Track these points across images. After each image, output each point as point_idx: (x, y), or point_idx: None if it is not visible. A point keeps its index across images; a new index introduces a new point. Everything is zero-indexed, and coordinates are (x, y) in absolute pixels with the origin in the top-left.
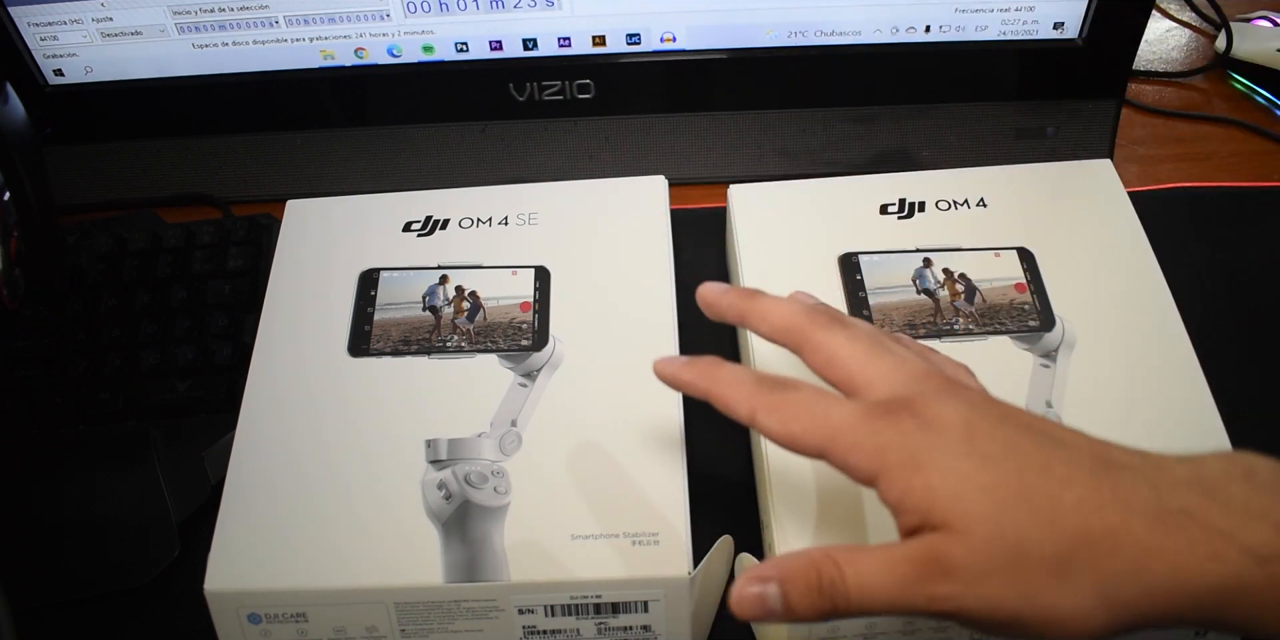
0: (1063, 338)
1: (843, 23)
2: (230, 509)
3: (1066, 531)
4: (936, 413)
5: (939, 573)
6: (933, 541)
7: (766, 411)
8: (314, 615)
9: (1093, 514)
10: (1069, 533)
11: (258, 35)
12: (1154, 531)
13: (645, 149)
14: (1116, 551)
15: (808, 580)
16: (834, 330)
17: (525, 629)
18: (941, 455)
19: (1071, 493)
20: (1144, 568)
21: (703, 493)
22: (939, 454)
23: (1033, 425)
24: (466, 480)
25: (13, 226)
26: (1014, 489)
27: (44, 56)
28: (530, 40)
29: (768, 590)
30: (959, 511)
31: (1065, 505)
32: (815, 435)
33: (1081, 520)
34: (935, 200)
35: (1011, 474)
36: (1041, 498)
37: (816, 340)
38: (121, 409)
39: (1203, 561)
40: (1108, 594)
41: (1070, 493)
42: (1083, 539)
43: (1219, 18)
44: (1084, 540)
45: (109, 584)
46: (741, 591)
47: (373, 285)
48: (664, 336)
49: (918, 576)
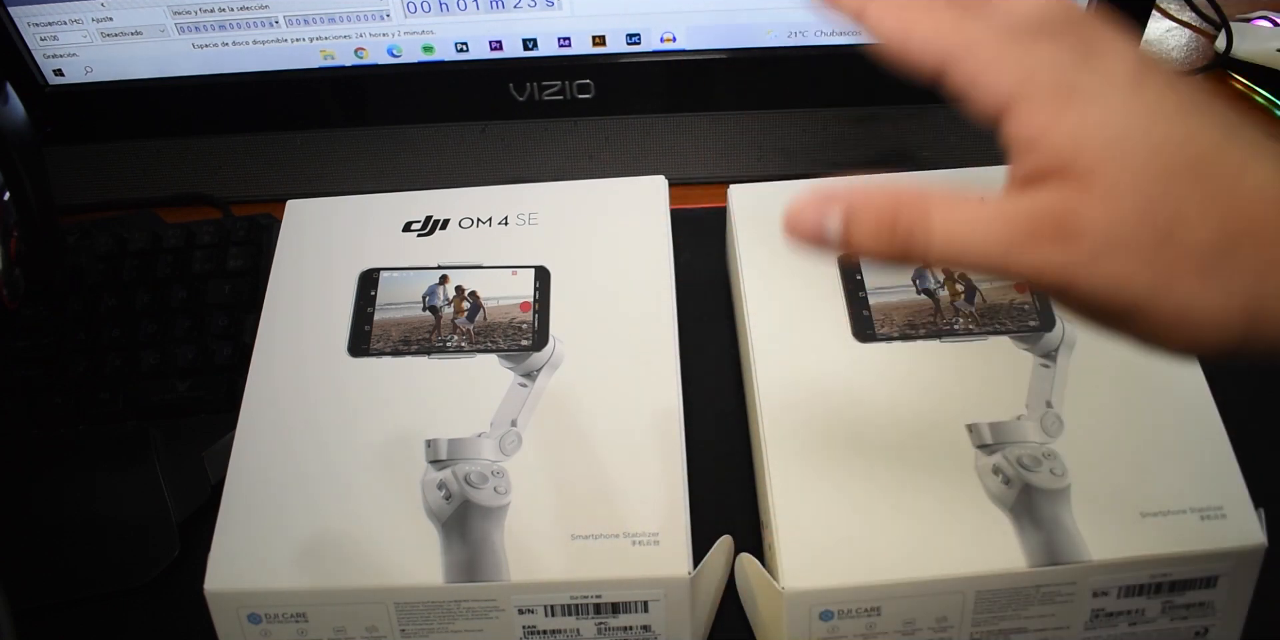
0: (1063, 338)
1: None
2: (230, 509)
3: (1236, 219)
4: (1103, 56)
5: (1061, 235)
6: (1063, 196)
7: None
8: (314, 615)
9: (1274, 206)
10: (1239, 221)
11: (258, 35)
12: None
13: (645, 149)
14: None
15: (880, 217)
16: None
17: (525, 629)
18: (1104, 94)
19: (1253, 177)
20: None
21: (703, 493)
22: (1102, 92)
23: (1209, 104)
24: (466, 480)
25: (13, 226)
26: (1189, 155)
27: (44, 56)
28: (530, 40)
29: (828, 216)
30: (1113, 164)
31: (1244, 189)
32: (944, 41)
33: (1260, 210)
34: None
35: (1186, 138)
36: (1218, 175)
37: None
38: (121, 409)
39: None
40: (1260, 303)
41: (1252, 177)
42: (1253, 232)
43: (1219, 18)
44: (1253, 234)
45: (109, 584)
46: (798, 211)
47: (373, 285)
48: (664, 336)
49: (1031, 235)
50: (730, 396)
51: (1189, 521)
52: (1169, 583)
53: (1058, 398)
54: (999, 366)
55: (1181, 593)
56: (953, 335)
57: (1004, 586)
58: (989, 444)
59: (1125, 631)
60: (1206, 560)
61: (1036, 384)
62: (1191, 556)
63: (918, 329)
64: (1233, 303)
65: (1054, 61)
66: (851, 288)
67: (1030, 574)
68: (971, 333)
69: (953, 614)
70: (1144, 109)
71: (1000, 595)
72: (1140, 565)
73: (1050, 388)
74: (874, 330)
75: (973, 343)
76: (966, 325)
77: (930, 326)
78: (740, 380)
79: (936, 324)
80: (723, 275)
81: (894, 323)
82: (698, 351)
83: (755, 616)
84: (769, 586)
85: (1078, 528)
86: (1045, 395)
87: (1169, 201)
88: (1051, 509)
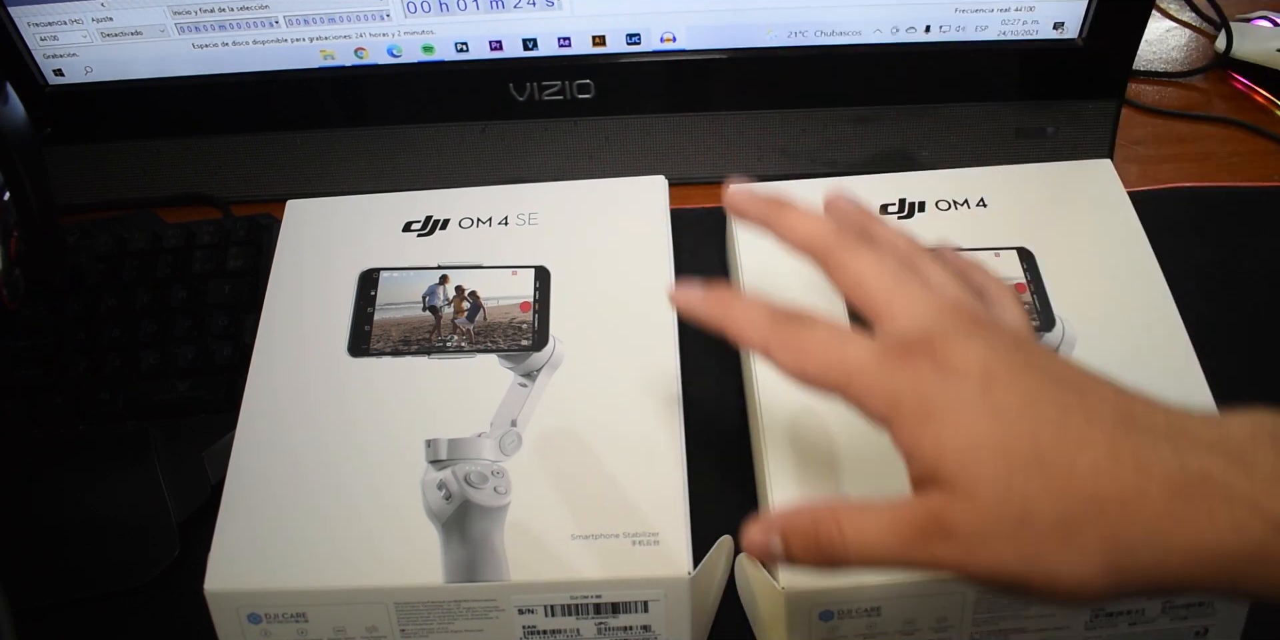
0: (1063, 338)
1: (843, 23)
2: (230, 509)
3: (1077, 496)
4: (955, 357)
5: (941, 534)
6: (937, 501)
7: (781, 347)
8: (314, 615)
9: (1107, 478)
10: (1079, 498)
11: (258, 35)
12: (1172, 498)
13: (645, 149)
14: (1129, 518)
15: (806, 536)
16: (861, 252)
17: (525, 629)
18: (954, 408)
19: (1086, 455)
20: (1158, 535)
21: (703, 493)
22: (952, 406)
23: (1057, 373)
24: (466, 480)
25: (13, 226)
26: (1026, 450)
27: (44, 56)
28: (530, 40)
29: (771, 538)
30: (966, 472)
31: (1078, 469)
32: (830, 374)
33: (1094, 485)
34: (935, 200)
35: (1025, 433)
36: (1054, 460)
37: (843, 260)
38: (121, 409)
39: (1222, 531)
40: (1116, 560)
41: (1085, 455)
42: (1093, 505)
43: (1219, 18)
44: (1095, 506)
45: (109, 584)
46: (749, 536)
47: (373, 285)
48: (664, 336)
49: (919, 537)
50: (730, 396)
51: None
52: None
53: None
54: None
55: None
56: None
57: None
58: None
59: (1125, 631)
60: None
61: None
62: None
63: None
64: (1090, 566)
65: (914, 381)
66: None
67: None
68: None
69: (953, 614)
70: (990, 412)
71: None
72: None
73: None
74: None
75: None
76: None
77: None
78: (740, 380)
79: None
80: (723, 275)
81: None
82: (698, 351)
83: (755, 616)
84: (769, 586)
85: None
86: None
87: (1018, 492)
88: None
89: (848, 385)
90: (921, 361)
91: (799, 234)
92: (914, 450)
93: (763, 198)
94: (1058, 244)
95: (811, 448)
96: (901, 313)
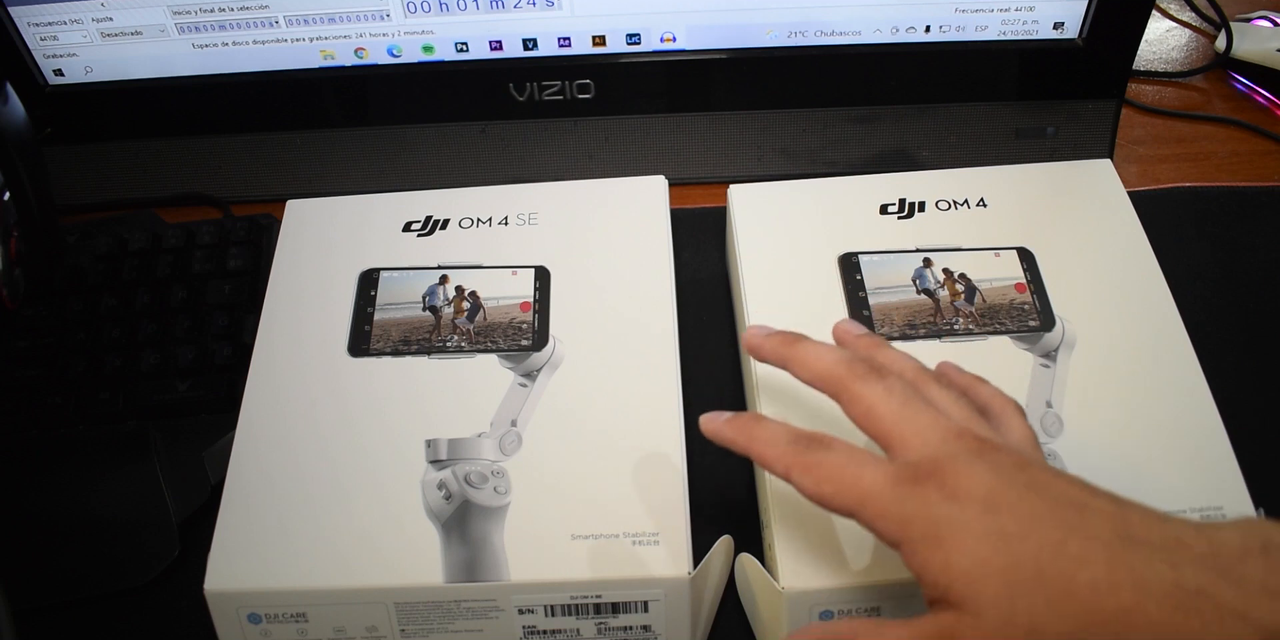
0: (1063, 338)
1: (843, 23)
2: (230, 509)
3: (1079, 613)
4: (962, 482)
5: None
6: (947, 621)
7: (801, 471)
8: (314, 615)
9: (1107, 595)
10: (1082, 615)
11: (258, 35)
12: (1169, 613)
13: (645, 149)
14: (1129, 633)
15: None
16: (871, 382)
17: (525, 629)
18: (960, 532)
19: (1086, 573)
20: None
21: (703, 493)
22: (958, 530)
23: (1057, 492)
24: (466, 480)
25: (13, 226)
26: (1029, 571)
27: (44, 56)
28: (530, 40)
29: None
30: (973, 594)
31: (1079, 587)
32: (846, 498)
33: (1095, 602)
34: (935, 200)
35: (1028, 555)
36: (1056, 579)
37: (855, 392)
38: (121, 409)
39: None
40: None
41: (1085, 573)
42: (1095, 620)
43: (1219, 18)
44: (1096, 621)
45: (109, 584)
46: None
47: (373, 285)
48: (663, 336)
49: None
50: (730, 396)
51: None
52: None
53: (1057, 398)
54: (999, 366)
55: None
56: (952, 335)
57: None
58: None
59: None
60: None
61: (1036, 384)
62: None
63: (917, 329)
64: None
65: (924, 506)
66: (851, 288)
67: None
68: (971, 333)
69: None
70: (994, 535)
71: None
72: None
73: (1050, 388)
74: (874, 330)
75: (972, 343)
76: (966, 325)
77: (930, 326)
78: (740, 380)
79: (936, 324)
80: (723, 275)
81: (894, 323)
82: (698, 351)
83: (755, 616)
84: (769, 586)
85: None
86: (1045, 395)
87: (1023, 609)
88: None
89: (862, 509)
90: (930, 486)
91: (813, 370)
92: (924, 573)
93: (776, 336)
94: (1058, 244)
95: None
96: (913, 439)
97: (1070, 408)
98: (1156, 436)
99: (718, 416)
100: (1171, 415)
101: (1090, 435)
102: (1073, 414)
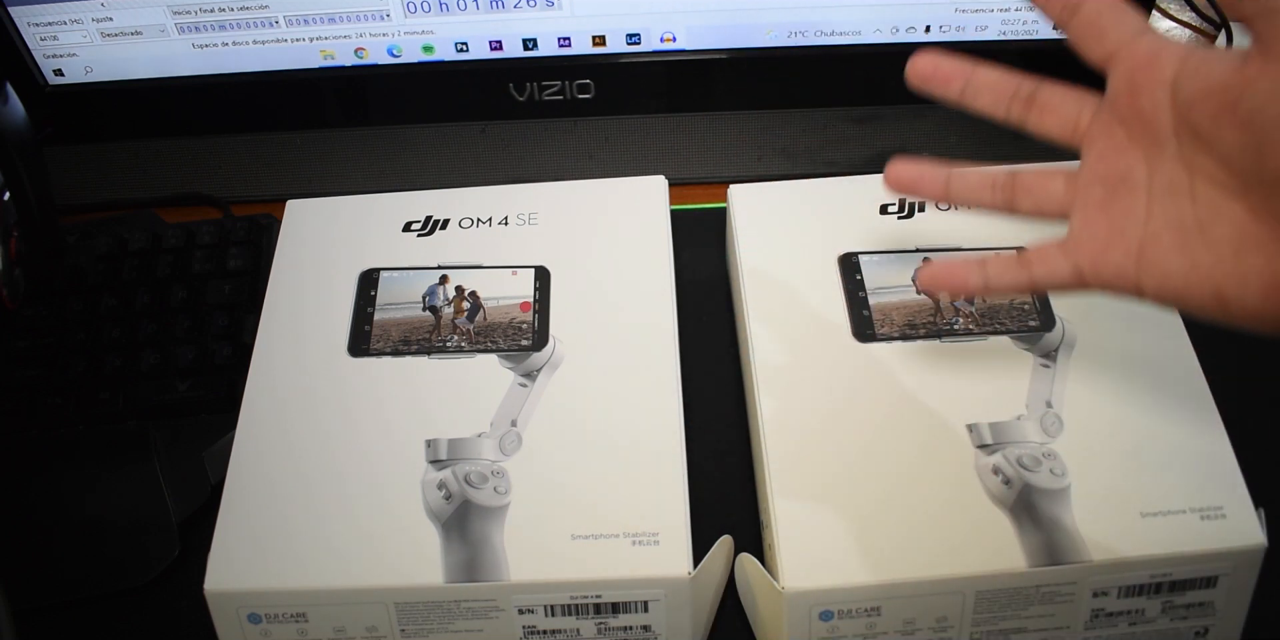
0: (1063, 338)
1: (843, 23)
2: (230, 509)
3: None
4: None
5: None
6: None
7: None
8: (314, 615)
9: None
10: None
11: (258, 35)
12: None
13: (645, 149)
14: None
15: None
16: None
17: (525, 629)
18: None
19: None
20: None
21: (703, 493)
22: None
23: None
24: (466, 480)
25: (13, 226)
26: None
27: (44, 56)
28: (530, 40)
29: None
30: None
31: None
32: None
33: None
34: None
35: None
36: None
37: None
38: (121, 409)
39: None
40: None
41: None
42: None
43: (1219, 18)
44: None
45: (109, 584)
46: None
47: (373, 285)
48: (664, 336)
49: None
50: (730, 396)
51: (1189, 521)
52: (1169, 583)
53: (1058, 398)
54: (998, 366)
55: (1182, 593)
56: (953, 335)
57: (1004, 586)
58: (989, 444)
59: (1125, 631)
60: (1206, 560)
61: (1036, 384)
62: (1192, 556)
63: (918, 329)
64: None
65: None
66: (851, 288)
67: (1030, 574)
68: (971, 333)
69: (953, 614)
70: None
71: (1000, 595)
72: (1140, 565)
73: (1050, 388)
74: (874, 330)
75: (973, 343)
76: (966, 325)
77: (930, 326)
78: (740, 380)
79: (936, 324)
80: (723, 275)
81: (894, 323)
82: (698, 351)
83: (755, 616)
84: (769, 586)
85: (1078, 528)
86: (1045, 395)
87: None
88: (1051, 509)
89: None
90: None
91: None
92: None
93: None
94: None
95: (812, 448)
96: None
97: (1070, 408)
98: (1156, 436)
99: None
100: (1171, 415)
101: (1090, 435)
102: (1073, 414)
